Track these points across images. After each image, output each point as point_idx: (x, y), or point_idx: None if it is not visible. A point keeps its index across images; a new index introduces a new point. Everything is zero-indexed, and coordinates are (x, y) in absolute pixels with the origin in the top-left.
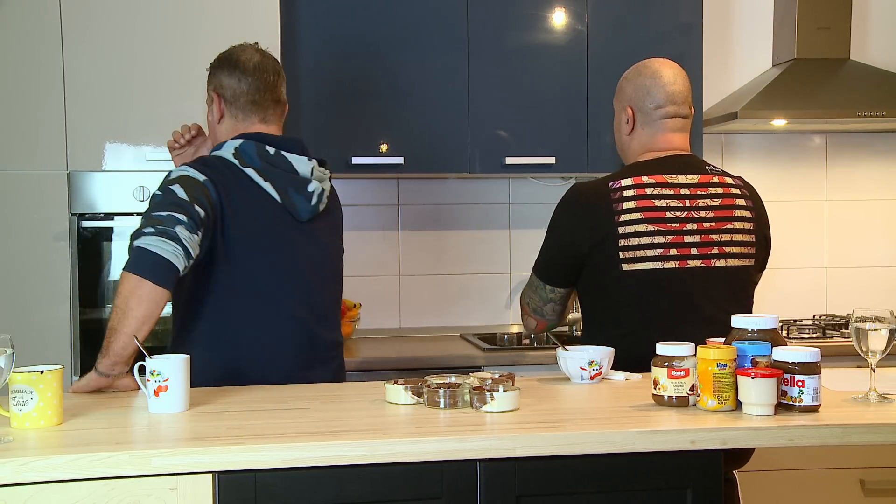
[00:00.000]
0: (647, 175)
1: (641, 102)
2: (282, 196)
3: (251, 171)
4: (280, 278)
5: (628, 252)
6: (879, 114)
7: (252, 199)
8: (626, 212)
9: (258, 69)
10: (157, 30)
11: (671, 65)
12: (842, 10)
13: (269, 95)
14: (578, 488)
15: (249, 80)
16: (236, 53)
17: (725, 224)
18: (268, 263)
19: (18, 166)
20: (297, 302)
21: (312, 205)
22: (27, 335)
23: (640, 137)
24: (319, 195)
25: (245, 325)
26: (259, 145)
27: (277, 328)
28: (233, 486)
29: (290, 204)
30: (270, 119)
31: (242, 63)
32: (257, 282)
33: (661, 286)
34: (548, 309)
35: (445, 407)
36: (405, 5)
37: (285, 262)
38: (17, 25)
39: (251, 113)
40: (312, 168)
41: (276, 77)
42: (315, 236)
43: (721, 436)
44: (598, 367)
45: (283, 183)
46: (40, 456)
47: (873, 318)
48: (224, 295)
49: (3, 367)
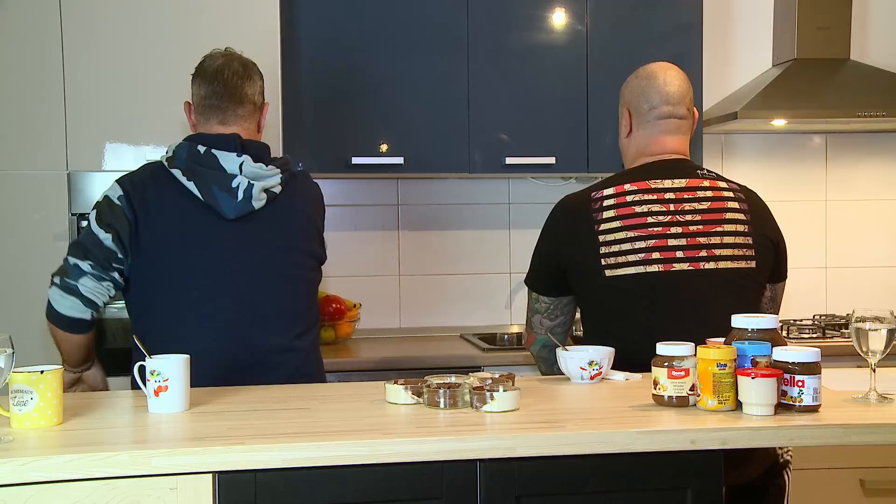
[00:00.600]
0: (630, 182)
1: (637, 104)
2: (204, 194)
3: (177, 172)
4: (202, 279)
5: (609, 258)
6: (879, 114)
7: (175, 200)
8: (606, 220)
9: (217, 73)
10: (157, 30)
11: (670, 67)
12: (842, 10)
13: (227, 98)
14: (578, 488)
15: (208, 85)
16: (203, 61)
17: (714, 227)
18: (187, 264)
19: (18, 166)
20: (224, 304)
21: (239, 201)
22: (27, 335)
23: (636, 140)
24: (246, 190)
25: (170, 328)
26: (191, 145)
27: (200, 332)
28: (233, 486)
29: (213, 202)
30: (231, 120)
31: (204, 69)
32: (176, 284)
33: (646, 290)
34: (535, 321)
35: (445, 407)
36: (405, 5)
37: (208, 262)
38: (17, 26)
39: (210, 116)
40: (241, 164)
41: (239, 78)
42: (249, 235)
43: (721, 436)
44: (598, 367)
45: (206, 180)
46: (40, 456)
47: (873, 318)
48: (150, 298)
49: (3, 367)
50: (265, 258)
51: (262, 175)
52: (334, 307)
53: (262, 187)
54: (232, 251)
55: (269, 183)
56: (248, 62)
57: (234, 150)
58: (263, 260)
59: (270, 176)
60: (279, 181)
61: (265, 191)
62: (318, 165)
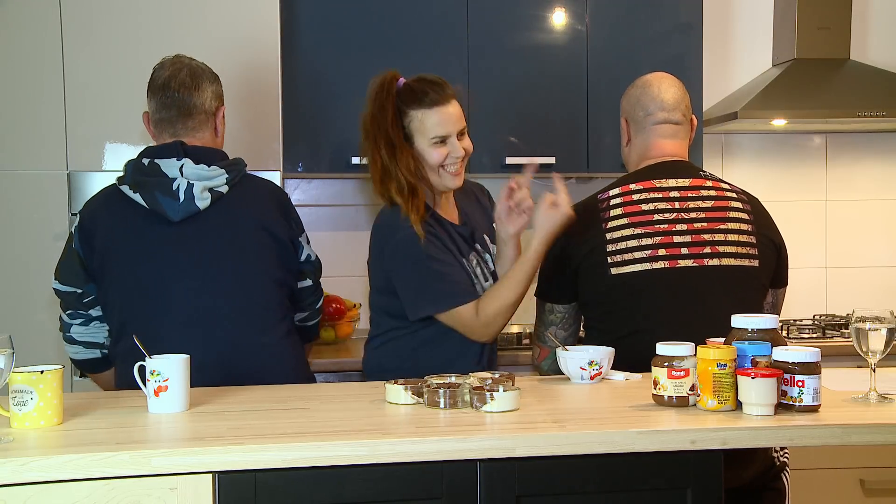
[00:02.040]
0: (636, 182)
1: (634, 112)
2: (149, 201)
3: (125, 188)
4: (157, 285)
5: (616, 256)
6: (879, 114)
7: (123, 218)
8: (613, 218)
9: (164, 86)
10: (157, 30)
11: (665, 76)
12: (842, 10)
13: (175, 110)
14: (578, 488)
15: (156, 100)
16: (153, 72)
17: (718, 224)
18: (140, 273)
19: (18, 166)
20: (185, 306)
21: (181, 202)
22: (27, 335)
23: (636, 147)
24: (187, 191)
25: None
26: (137, 160)
27: (164, 336)
28: (233, 486)
29: (158, 207)
30: (181, 133)
31: (153, 82)
32: (134, 295)
33: (651, 286)
34: (548, 334)
35: (445, 407)
36: (405, 5)
37: (161, 268)
38: (17, 25)
39: (162, 130)
40: (182, 167)
41: (186, 90)
42: (195, 236)
43: (721, 436)
44: (598, 367)
45: (150, 188)
46: (40, 456)
47: (873, 318)
48: (118, 312)
49: (3, 367)
50: (212, 258)
51: (203, 175)
52: (334, 307)
53: (205, 187)
54: (178, 254)
55: (212, 183)
56: (198, 69)
57: (175, 156)
58: (211, 259)
59: (214, 176)
60: (225, 181)
61: (209, 190)
62: (318, 165)
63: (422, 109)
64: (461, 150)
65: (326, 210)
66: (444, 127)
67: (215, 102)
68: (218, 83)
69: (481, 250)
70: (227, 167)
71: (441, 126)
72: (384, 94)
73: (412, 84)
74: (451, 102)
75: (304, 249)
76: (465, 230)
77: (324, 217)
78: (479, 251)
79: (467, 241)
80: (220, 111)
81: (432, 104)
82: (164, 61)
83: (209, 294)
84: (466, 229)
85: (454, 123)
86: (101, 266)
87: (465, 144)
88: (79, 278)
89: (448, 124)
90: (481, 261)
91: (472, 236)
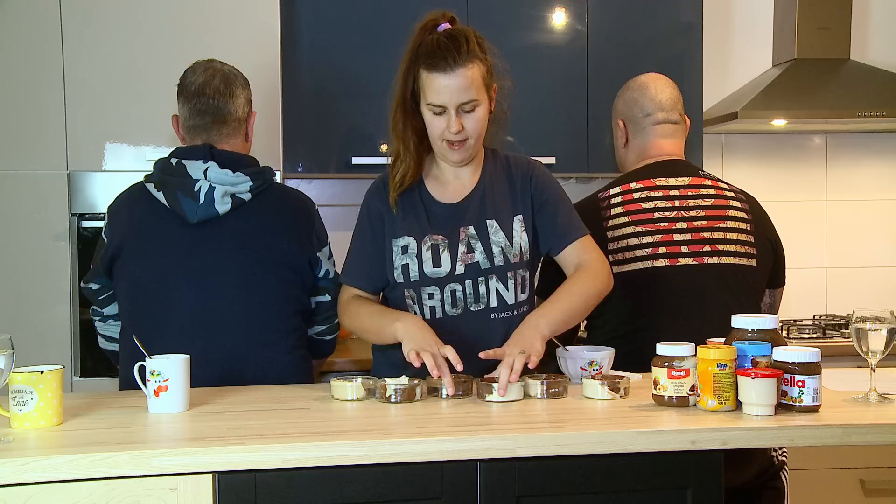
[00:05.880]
0: (636, 181)
1: (631, 113)
2: (170, 200)
3: (150, 185)
4: (160, 288)
5: (617, 255)
6: (879, 114)
7: (144, 214)
8: (614, 217)
9: (198, 92)
10: (158, 30)
11: (659, 77)
12: (842, 10)
13: (210, 118)
14: (578, 488)
15: (189, 106)
16: (185, 76)
17: (718, 223)
18: (151, 269)
19: (18, 166)
20: (186, 309)
21: (201, 205)
22: (27, 335)
23: (634, 147)
24: (207, 193)
25: (140, 336)
26: (165, 159)
27: (164, 337)
28: (233, 486)
29: (178, 207)
30: (215, 140)
31: (185, 88)
32: (146, 290)
33: (652, 284)
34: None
35: (398, 402)
36: (405, 5)
37: (166, 271)
38: (17, 25)
39: (194, 137)
40: (206, 169)
41: (221, 97)
42: (209, 240)
43: (721, 436)
44: (598, 368)
45: (172, 188)
46: (40, 456)
47: (873, 318)
48: (123, 312)
49: (3, 367)
50: (221, 264)
51: (227, 180)
52: None
53: (226, 192)
54: (189, 256)
55: (235, 189)
56: (230, 74)
57: (202, 158)
58: (219, 266)
59: (238, 183)
60: (248, 188)
61: (231, 196)
62: (318, 165)
63: (425, 70)
64: (456, 127)
65: (326, 210)
66: (439, 96)
67: (247, 108)
68: (248, 88)
69: (473, 233)
70: (253, 174)
71: (436, 94)
72: (417, 39)
73: (435, 38)
74: (457, 73)
75: (324, 265)
76: (456, 210)
77: (324, 217)
78: (471, 234)
79: (451, 219)
80: (251, 117)
81: (433, 68)
82: (196, 66)
83: (212, 302)
84: (459, 208)
85: (452, 96)
86: (111, 261)
87: (468, 123)
88: (95, 273)
89: (443, 94)
90: (461, 243)
91: (463, 216)
